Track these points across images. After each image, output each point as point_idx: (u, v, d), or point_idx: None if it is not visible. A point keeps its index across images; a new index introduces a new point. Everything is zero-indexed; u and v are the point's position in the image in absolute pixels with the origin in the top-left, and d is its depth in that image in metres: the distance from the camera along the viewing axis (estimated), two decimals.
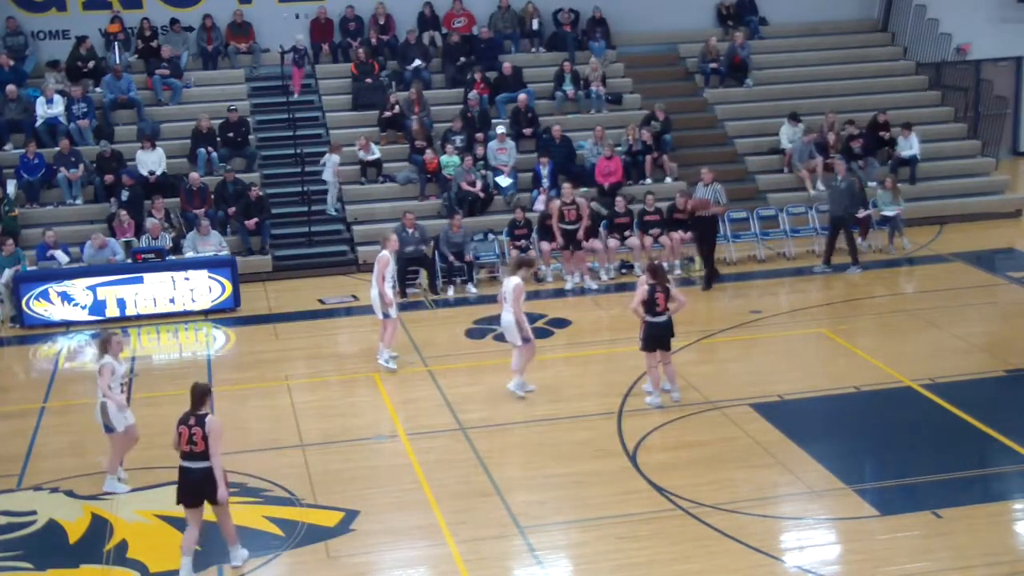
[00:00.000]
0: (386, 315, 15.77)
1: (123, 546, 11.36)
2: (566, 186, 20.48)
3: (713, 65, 25.29)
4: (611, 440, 13.44)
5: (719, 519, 11.42)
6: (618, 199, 20.73)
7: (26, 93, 22.86)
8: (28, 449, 13.88)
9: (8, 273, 18.68)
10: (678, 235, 20.28)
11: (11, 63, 23.22)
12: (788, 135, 23.54)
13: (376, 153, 22.71)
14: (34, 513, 12.15)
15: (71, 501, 12.38)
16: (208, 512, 10.69)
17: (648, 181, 22.62)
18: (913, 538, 11.01)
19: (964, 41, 27.12)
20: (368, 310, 19.03)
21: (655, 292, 13.95)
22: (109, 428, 12.39)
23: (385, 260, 15.69)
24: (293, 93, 23.87)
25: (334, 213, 22.06)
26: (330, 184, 22.06)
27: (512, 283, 14.56)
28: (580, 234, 19.68)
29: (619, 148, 22.63)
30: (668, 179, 22.78)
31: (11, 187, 21.07)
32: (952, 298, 18.39)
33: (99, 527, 11.79)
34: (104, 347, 12.42)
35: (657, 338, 14.11)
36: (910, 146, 23.27)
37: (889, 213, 21.15)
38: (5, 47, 23.75)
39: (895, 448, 13.04)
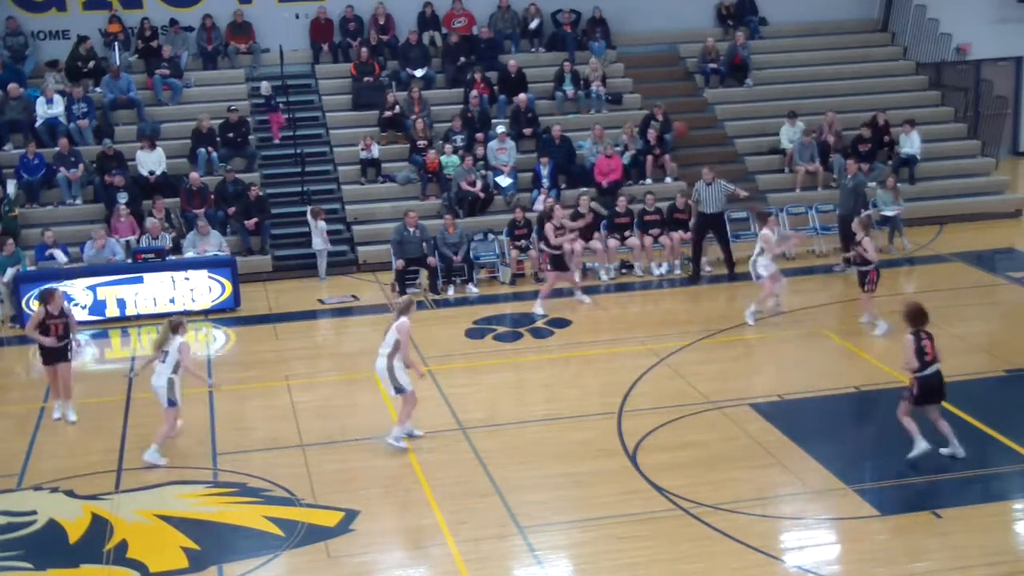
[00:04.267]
0: (401, 390, 13.37)
1: (123, 546, 11.34)
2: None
3: (713, 65, 25.30)
4: (611, 440, 13.44)
5: (719, 519, 11.42)
6: (619, 199, 20.74)
7: (26, 93, 22.86)
8: (28, 449, 13.89)
9: (9, 272, 18.68)
10: (678, 235, 20.30)
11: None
12: (788, 135, 23.55)
13: (375, 153, 22.68)
14: (34, 513, 12.15)
15: (71, 501, 12.38)
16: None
17: (648, 181, 22.62)
18: (913, 538, 11.01)
19: (964, 41, 27.13)
20: (369, 311, 19.12)
21: (921, 339, 12.24)
22: (172, 402, 13.28)
23: (407, 328, 13.49)
24: (274, 138, 23.25)
25: (323, 278, 20.97)
26: (319, 252, 20.87)
27: None
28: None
29: (618, 148, 22.60)
30: (668, 179, 22.78)
31: (11, 187, 21.07)
32: (952, 298, 18.39)
33: (99, 527, 11.78)
34: (176, 328, 13.27)
35: (932, 390, 12.39)
36: (911, 144, 23.27)
37: (889, 213, 21.15)
38: (5, 47, 23.75)
39: (895, 448, 13.02)
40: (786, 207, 21.85)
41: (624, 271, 20.47)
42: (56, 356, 14.53)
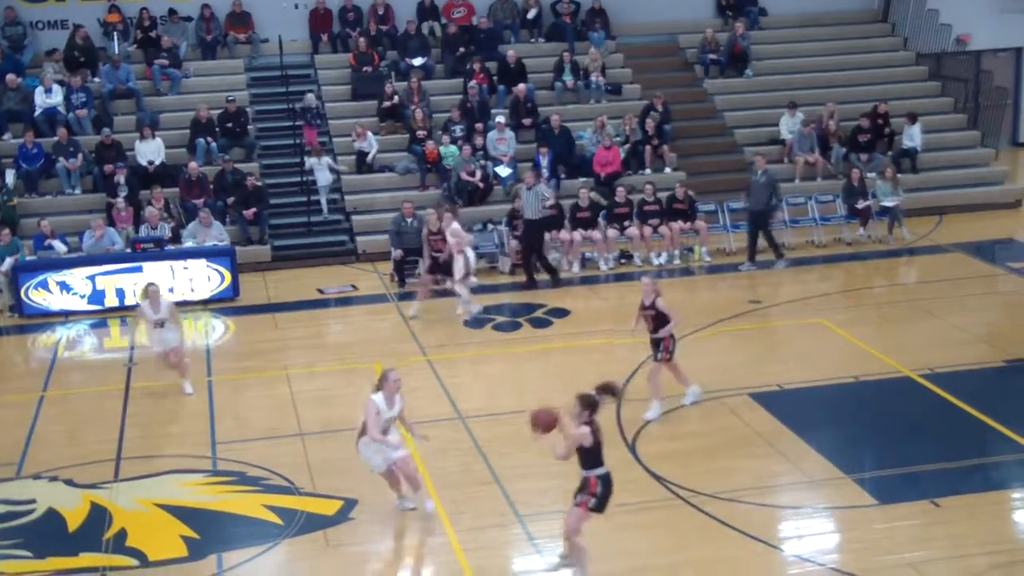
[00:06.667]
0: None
1: (122, 534, 11.35)
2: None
3: (713, 56, 25.26)
4: (610, 430, 13.40)
5: (718, 508, 11.42)
6: (619, 189, 20.71)
7: (25, 83, 22.83)
8: (27, 438, 13.88)
9: (8, 262, 18.66)
10: (677, 225, 20.28)
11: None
12: (788, 125, 23.52)
13: (372, 145, 22.56)
14: (33, 501, 12.14)
15: (70, 489, 12.38)
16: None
17: (648, 171, 22.59)
18: (912, 527, 11.01)
19: (964, 32, 27.09)
20: (368, 300, 19.12)
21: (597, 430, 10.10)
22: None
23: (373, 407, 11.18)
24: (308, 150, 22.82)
25: (327, 216, 21.83)
26: (321, 188, 21.79)
27: None
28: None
29: (618, 139, 22.58)
30: (667, 169, 22.76)
31: (10, 177, 21.05)
32: (951, 288, 18.39)
33: (98, 515, 11.78)
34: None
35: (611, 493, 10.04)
36: (912, 137, 23.25)
37: (889, 203, 21.15)
38: (4, 37, 23.71)
39: (894, 437, 13.04)
40: (785, 197, 21.79)
41: (623, 261, 20.46)
42: None
